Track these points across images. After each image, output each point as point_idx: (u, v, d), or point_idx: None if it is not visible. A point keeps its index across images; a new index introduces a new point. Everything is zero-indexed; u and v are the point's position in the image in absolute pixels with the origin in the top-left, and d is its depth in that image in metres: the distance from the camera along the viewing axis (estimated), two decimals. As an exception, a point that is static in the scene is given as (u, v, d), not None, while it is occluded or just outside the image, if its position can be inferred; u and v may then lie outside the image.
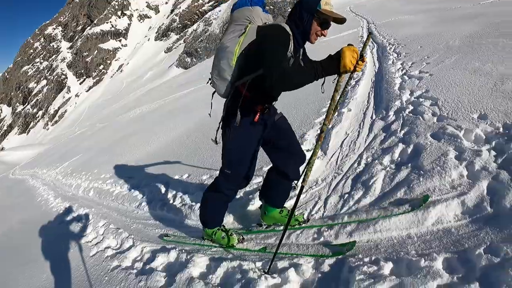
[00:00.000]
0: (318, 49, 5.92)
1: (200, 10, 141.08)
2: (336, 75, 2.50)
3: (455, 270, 2.29)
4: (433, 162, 3.41)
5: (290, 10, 2.68)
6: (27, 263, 5.15)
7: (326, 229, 3.25)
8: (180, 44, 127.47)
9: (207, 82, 3.08)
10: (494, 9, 11.61)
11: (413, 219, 2.86)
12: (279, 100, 3.08)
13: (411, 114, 4.73)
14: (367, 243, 2.92)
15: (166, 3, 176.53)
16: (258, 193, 3.95)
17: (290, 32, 2.61)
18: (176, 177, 6.08)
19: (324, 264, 2.76)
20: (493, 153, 3.26)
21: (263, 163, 4.98)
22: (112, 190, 7.14)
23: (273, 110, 3.13)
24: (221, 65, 2.74)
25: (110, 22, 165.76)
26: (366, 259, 2.63)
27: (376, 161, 3.96)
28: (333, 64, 2.40)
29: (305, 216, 3.56)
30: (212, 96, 3.14)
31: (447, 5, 16.97)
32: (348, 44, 2.41)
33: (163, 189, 5.77)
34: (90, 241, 4.91)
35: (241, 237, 3.50)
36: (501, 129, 3.58)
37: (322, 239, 3.18)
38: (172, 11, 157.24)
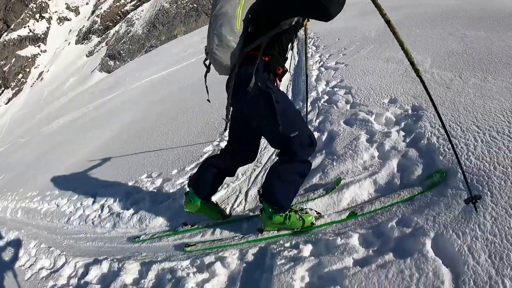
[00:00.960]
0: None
1: (122, 10, 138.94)
2: None
3: (370, 244, 2.64)
4: (346, 147, 3.84)
5: None
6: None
7: (248, 221, 3.54)
8: (102, 47, 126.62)
9: (205, 60, 3.01)
10: (409, 1, 12.88)
11: (329, 202, 3.23)
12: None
13: (326, 104, 5.22)
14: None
15: (87, 4, 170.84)
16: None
17: None
18: (102, 186, 6.13)
19: (248, 254, 3.03)
20: (402, 133, 3.76)
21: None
22: (40, 208, 7.03)
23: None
24: (222, 33, 2.64)
25: (28, 26, 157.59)
26: (287, 244, 2.94)
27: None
28: None
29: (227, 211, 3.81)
30: (206, 77, 3.10)
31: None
32: None
33: (90, 201, 5.82)
34: (24, 265, 4.87)
35: (314, 211, 3.21)
36: (409, 111, 4.12)
37: (244, 231, 3.45)
38: (93, 12, 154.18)
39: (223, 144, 5.23)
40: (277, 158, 3.06)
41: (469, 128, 3.44)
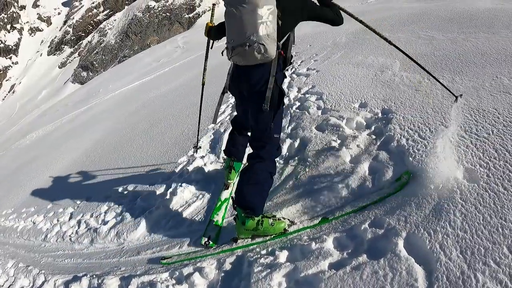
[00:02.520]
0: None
1: (95, 20, 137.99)
2: None
3: (345, 247, 2.72)
4: (318, 153, 3.95)
5: None
6: None
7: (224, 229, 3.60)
8: (74, 58, 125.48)
9: (231, 56, 3.11)
10: (378, 6, 13.19)
11: (302, 208, 3.31)
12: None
13: (298, 110, 5.31)
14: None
15: (59, 14, 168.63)
16: None
17: None
18: (79, 201, 6.09)
19: (226, 263, 3.08)
20: (372, 136, 3.89)
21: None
22: (16, 226, 6.92)
23: None
24: (271, 27, 2.86)
25: None
26: (263, 252, 3.01)
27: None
28: None
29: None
30: (240, 71, 3.20)
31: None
32: None
33: (67, 217, 5.79)
34: (2, 285, 4.81)
35: (287, 219, 3.27)
36: (379, 114, 4.26)
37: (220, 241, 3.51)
38: (65, 22, 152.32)
39: (197, 155, 5.38)
40: (247, 163, 3.30)
41: (438, 129, 3.56)
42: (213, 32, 3.75)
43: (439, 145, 3.05)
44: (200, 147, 5.44)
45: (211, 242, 3.46)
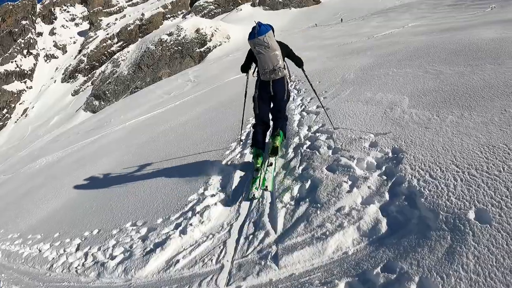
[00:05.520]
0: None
1: (109, 50, 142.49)
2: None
3: (357, 292, 2.74)
4: (329, 194, 3.97)
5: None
6: None
7: (235, 271, 3.60)
8: (87, 86, 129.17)
9: (267, 76, 5.42)
10: (385, 40, 13.42)
11: (314, 251, 3.32)
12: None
13: (308, 150, 5.38)
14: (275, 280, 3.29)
15: (74, 43, 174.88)
16: None
17: None
18: (87, 233, 6.09)
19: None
20: (383, 177, 3.91)
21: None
22: (21, 251, 6.91)
23: None
24: (280, 59, 5.32)
25: (15, 61, 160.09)
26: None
27: (277, 199, 4.45)
28: None
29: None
30: (273, 82, 5.50)
31: (342, 40, 19.13)
32: None
33: (74, 247, 5.79)
34: None
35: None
36: (390, 154, 4.31)
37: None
38: (80, 51, 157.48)
39: (208, 193, 5.44)
40: (275, 121, 6.00)
41: (448, 168, 3.60)
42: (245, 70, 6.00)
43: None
44: (242, 140, 7.39)
45: (255, 195, 4.88)
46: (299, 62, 5.94)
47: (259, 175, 5.26)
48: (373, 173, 4.07)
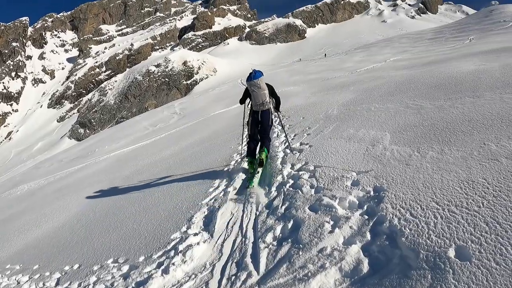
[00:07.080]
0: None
1: (96, 79, 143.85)
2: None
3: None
4: (311, 235, 3.98)
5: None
6: None
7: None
8: (73, 113, 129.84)
9: (258, 108, 7.24)
10: (367, 75, 13.74)
11: (296, 293, 3.32)
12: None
13: (291, 188, 5.42)
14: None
15: (63, 68, 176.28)
16: None
17: None
18: (67, 267, 5.97)
19: None
20: (365, 217, 3.95)
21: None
22: None
23: None
24: (267, 97, 7.10)
25: (3, 83, 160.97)
26: None
27: (260, 239, 4.44)
28: None
29: None
30: (262, 112, 7.25)
31: (326, 75, 19.53)
32: None
33: (53, 282, 5.66)
34: None
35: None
36: (371, 193, 4.36)
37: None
38: (68, 77, 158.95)
39: (191, 232, 5.41)
40: (261, 141, 7.44)
41: (429, 205, 3.67)
42: (243, 102, 7.72)
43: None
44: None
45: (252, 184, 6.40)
46: (277, 104, 7.67)
47: (252, 177, 6.82)
48: (355, 212, 4.11)
